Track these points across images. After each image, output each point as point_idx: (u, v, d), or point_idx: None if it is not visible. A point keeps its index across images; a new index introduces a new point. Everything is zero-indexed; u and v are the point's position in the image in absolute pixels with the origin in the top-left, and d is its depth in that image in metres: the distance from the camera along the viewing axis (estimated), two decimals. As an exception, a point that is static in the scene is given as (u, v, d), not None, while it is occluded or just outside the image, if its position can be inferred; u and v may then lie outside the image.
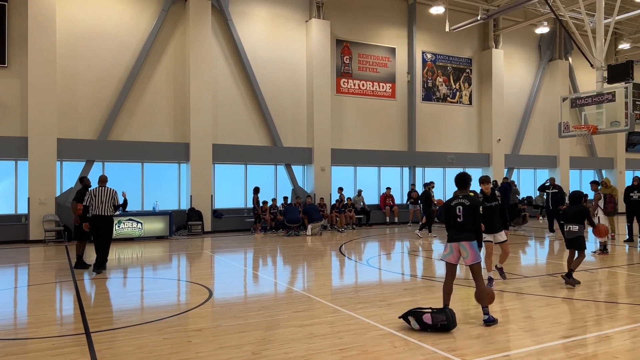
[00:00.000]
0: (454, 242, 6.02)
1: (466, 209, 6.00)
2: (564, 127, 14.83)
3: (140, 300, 7.43)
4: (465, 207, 6.01)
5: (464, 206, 6.02)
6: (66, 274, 9.35)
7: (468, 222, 5.99)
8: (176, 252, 12.53)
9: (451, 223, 6.10)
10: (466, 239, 5.95)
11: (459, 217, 6.02)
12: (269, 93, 18.26)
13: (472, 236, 5.98)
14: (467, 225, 5.99)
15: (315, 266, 10.40)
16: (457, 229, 6.03)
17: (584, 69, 24.77)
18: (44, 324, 6.05)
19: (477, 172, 23.00)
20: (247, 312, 6.56)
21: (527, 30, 23.95)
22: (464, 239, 5.96)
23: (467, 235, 5.97)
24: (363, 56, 20.18)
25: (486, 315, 5.88)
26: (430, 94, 21.85)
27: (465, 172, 6.38)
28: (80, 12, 15.51)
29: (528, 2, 18.65)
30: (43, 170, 14.42)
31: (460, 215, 6.01)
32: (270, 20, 18.42)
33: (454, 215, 6.06)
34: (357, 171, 20.36)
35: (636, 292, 7.67)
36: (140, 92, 16.31)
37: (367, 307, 6.73)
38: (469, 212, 6.00)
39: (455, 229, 6.05)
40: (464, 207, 6.01)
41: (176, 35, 16.91)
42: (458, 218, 6.02)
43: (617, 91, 13.59)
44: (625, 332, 5.63)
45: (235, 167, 18.16)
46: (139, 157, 16.24)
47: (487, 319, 5.86)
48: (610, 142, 26.91)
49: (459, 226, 6.02)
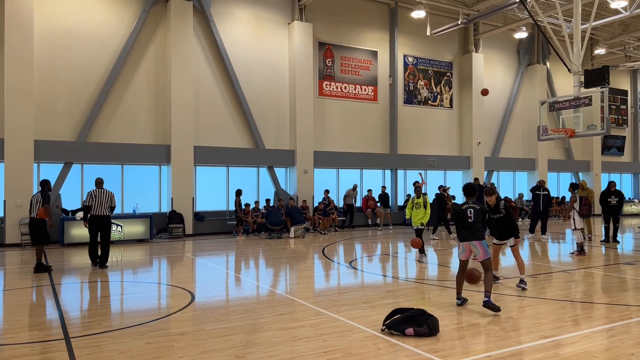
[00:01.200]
0: (465, 242, 6.75)
1: (476, 212, 6.76)
2: (542, 131, 15.10)
3: (120, 304, 7.32)
4: (475, 210, 6.77)
5: (474, 209, 6.78)
6: (44, 279, 9.16)
7: (478, 223, 6.73)
8: (157, 255, 12.39)
9: (462, 224, 6.79)
10: (476, 238, 6.69)
11: (469, 218, 6.74)
12: (251, 95, 18.20)
13: (482, 235, 6.72)
14: (477, 226, 6.71)
15: (298, 269, 10.38)
16: (468, 229, 6.74)
17: (562, 74, 25.30)
18: (21, 330, 5.91)
19: (458, 175, 23.30)
20: (230, 315, 6.51)
21: (507, 35, 24.35)
22: (475, 238, 6.69)
23: (478, 235, 6.70)
24: (345, 59, 20.26)
25: (487, 298, 6.46)
26: (412, 97, 22.04)
27: (472, 183, 6.97)
28: (58, 10, 15.25)
29: (507, 7, 18.97)
30: (19, 172, 14.11)
31: (471, 216, 6.74)
32: (252, 22, 18.37)
33: (465, 217, 6.77)
34: (340, 173, 20.41)
35: (613, 292, 7.84)
36: (120, 93, 16.10)
37: (351, 310, 6.74)
38: (479, 214, 6.76)
39: (466, 230, 6.75)
40: (474, 210, 6.77)
41: (157, 36, 16.75)
42: (469, 219, 6.74)
43: (593, 95, 13.91)
44: (603, 331, 5.74)
45: (217, 170, 18.04)
46: (119, 159, 16.02)
47: (486, 301, 6.44)
48: (586, 145, 27.48)
49: (469, 226, 6.73)
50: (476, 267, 7.25)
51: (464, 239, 6.76)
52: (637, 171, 30.02)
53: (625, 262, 10.73)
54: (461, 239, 6.81)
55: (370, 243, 14.81)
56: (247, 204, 17.11)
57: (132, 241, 14.96)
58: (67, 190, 15.28)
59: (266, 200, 17.72)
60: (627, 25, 24.70)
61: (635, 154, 29.86)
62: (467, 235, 6.72)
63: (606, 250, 12.96)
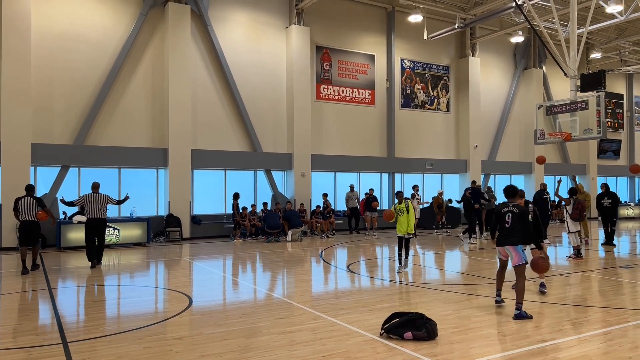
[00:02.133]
0: (500, 246, 6.81)
1: (515, 216, 6.68)
2: (539, 134, 15.16)
3: (118, 308, 7.30)
4: (514, 214, 6.70)
5: (512, 213, 6.71)
6: (41, 282, 9.13)
7: (515, 228, 6.66)
8: (154, 259, 12.36)
9: (499, 228, 6.82)
10: (511, 243, 6.67)
11: (507, 223, 6.72)
12: (248, 98, 18.22)
13: (518, 240, 6.66)
14: (513, 231, 6.67)
15: (296, 272, 10.38)
16: (504, 234, 6.75)
17: (558, 78, 25.43)
18: (19, 334, 5.89)
19: (455, 178, 23.35)
20: (227, 319, 6.50)
21: (503, 39, 24.45)
22: (509, 243, 6.68)
23: (512, 240, 6.66)
24: (343, 63, 20.30)
25: (518, 310, 6.41)
26: (409, 101, 22.09)
27: (513, 184, 7.11)
28: (56, 13, 15.24)
29: (504, 11, 19.07)
30: (16, 175, 14.06)
31: (509, 221, 6.70)
32: (250, 26, 18.40)
33: (503, 221, 6.78)
34: (337, 177, 20.42)
35: (610, 295, 7.86)
36: (118, 97, 16.09)
37: (349, 313, 6.74)
38: (517, 218, 6.67)
39: (502, 234, 6.77)
40: (513, 214, 6.70)
41: (155, 39, 16.75)
42: (506, 224, 6.72)
43: (589, 99, 13.97)
44: (601, 335, 5.76)
45: (214, 173, 18.03)
46: (116, 163, 15.99)
47: (517, 314, 6.38)
48: (582, 148, 27.60)
49: (505, 231, 6.73)
50: (541, 256, 7.13)
51: (499, 244, 6.84)
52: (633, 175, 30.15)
53: (622, 266, 10.77)
54: (497, 243, 6.88)
55: (368, 246, 14.81)
56: (245, 208, 17.10)
57: (130, 245, 14.92)
58: (64, 194, 15.16)
59: (263, 204, 17.71)
60: (622, 30, 24.85)
61: (631, 158, 29.99)
62: (502, 240, 6.77)
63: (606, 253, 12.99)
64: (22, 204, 10.47)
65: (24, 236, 10.52)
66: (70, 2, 15.47)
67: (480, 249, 13.97)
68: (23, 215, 10.44)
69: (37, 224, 10.58)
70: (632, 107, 30.13)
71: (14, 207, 10.53)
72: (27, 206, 10.46)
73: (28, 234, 10.48)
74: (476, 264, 11.41)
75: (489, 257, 12.43)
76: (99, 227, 11.20)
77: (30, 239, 10.50)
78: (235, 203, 16.89)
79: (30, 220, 10.44)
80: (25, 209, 10.44)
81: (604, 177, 28.48)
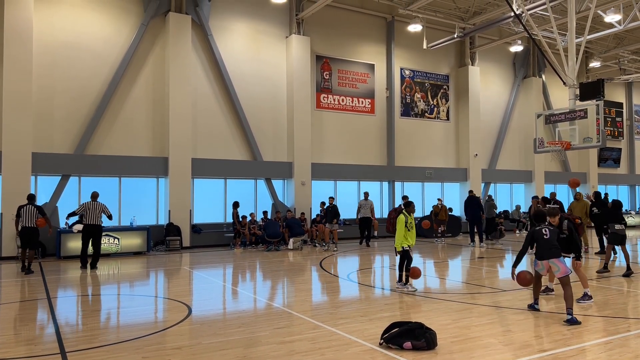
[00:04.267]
0: (544, 260, 7.08)
1: (552, 231, 7.15)
2: (539, 143, 15.18)
3: (117, 318, 7.28)
4: (550, 230, 7.15)
5: (549, 229, 7.16)
6: (40, 292, 9.12)
7: (554, 240, 7.07)
8: (154, 268, 12.34)
9: (539, 242, 7.12)
10: (554, 256, 7.00)
11: (545, 235, 7.07)
12: (249, 107, 18.28)
13: (559, 252, 7.04)
14: (553, 243, 7.04)
15: (295, 281, 10.35)
16: (544, 247, 7.06)
17: (557, 86, 25.54)
18: (17, 344, 5.87)
19: (455, 187, 23.35)
20: (227, 329, 6.48)
21: (502, 48, 24.58)
22: (553, 256, 7.00)
23: (555, 252, 7.02)
24: (342, 72, 20.39)
25: (569, 315, 6.66)
26: (409, 110, 22.15)
27: (542, 209, 7.63)
28: (58, 23, 15.35)
29: (503, 21, 19.18)
30: (17, 184, 14.09)
31: (547, 234, 7.08)
32: (250, 36, 18.51)
33: (541, 235, 7.10)
34: (337, 185, 20.43)
35: (610, 305, 7.83)
36: (118, 106, 16.16)
37: (349, 323, 6.72)
38: (554, 232, 7.16)
39: (543, 248, 7.07)
40: (550, 230, 7.14)
41: (156, 49, 16.85)
42: (545, 236, 7.07)
43: (588, 108, 14.00)
44: (602, 344, 5.74)
45: (214, 182, 18.05)
46: (116, 172, 16.02)
47: (569, 319, 6.63)
48: (583, 157, 27.62)
49: (545, 244, 7.06)
50: (529, 270, 7.43)
51: (542, 258, 7.07)
52: (633, 183, 30.15)
53: (622, 274, 10.73)
54: (539, 258, 7.11)
55: (367, 255, 14.78)
56: (244, 216, 17.09)
57: (129, 254, 14.90)
58: (64, 203, 15.23)
59: (263, 213, 17.70)
60: (621, 39, 24.97)
61: (631, 166, 30.01)
62: (545, 253, 7.03)
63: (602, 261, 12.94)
64: (24, 211, 11.54)
65: (24, 241, 11.57)
66: (72, 12, 15.59)
67: (480, 258, 13.93)
68: (24, 222, 11.50)
69: (36, 230, 11.64)
70: (631, 116, 30.19)
71: (16, 213, 11.61)
72: (28, 213, 11.54)
73: (27, 239, 11.53)
74: (476, 273, 11.39)
75: (488, 266, 12.40)
76: (95, 233, 12.22)
77: (29, 243, 11.54)
78: (235, 212, 16.89)
79: (30, 226, 11.51)
80: (27, 216, 11.52)
81: (604, 185, 28.47)
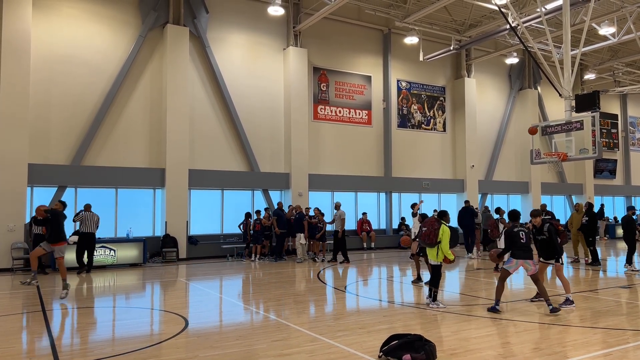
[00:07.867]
0: (520, 259, 7.88)
1: (526, 234, 7.96)
2: (535, 154, 15.23)
3: (112, 330, 7.21)
4: (525, 233, 8.00)
5: (524, 232, 7.98)
6: (35, 304, 9.03)
7: (529, 243, 7.92)
8: (150, 280, 12.25)
9: (516, 244, 7.91)
10: (530, 257, 7.88)
11: (522, 239, 7.88)
12: (246, 119, 18.31)
13: (532, 255, 7.94)
14: (529, 246, 7.90)
15: (293, 293, 10.29)
16: (522, 250, 7.87)
17: (553, 98, 25.69)
18: (12, 357, 5.80)
19: (452, 198, 23.35)
20: (224, 341, 6.42)
21: (498, 60, 24.76)
22: (529, 257, 7.87)
23: (530, 254, 7.89)
24: (339, 84, 20.49)
25: (550, 306, 7.63)
26: (405, 121, 22.24)
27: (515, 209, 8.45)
28: (55, 36, 15.39)
29: (498, 33, 19.36)
30: (13, 196, 14.00)
31: (523, 237, 7.90)
32: (248, 48, 18.60)
33: (518, 238, 7.91)
34: (335, 196, 20.41)
35: (610, 316, 7.81)
36: (115, 117, 16.15)
37: (347, 335, 6.67)
38: (528, 235, 7.98)
39: (520, 250, 7.87)
40: (525, 233, 7.99)
41: (153, 61, 16.90)
42: (521, 239, 7.88)
43: (584, 120, 14.08)
44: (601, 357, 5.71)
45: (211, 193, 18.01)
46: (113, 183, 15.96)
47: (552, 308, 7.59)
48: (579, 168, 27.73)
49: (522, 247, 7.88)
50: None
51: (518, 257, 7.86)
52: (629, 194, 30.24)
53: (620, 286, 10.72)
54: (516, 257, 7.88)
55: (365, 267, 14.73)
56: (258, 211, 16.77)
57: (125, 265, 14.80)
58: (60, 214, 15.13)
59: (265, 210, 17.05)
60: (615, 51, 25.21)
61: (627, 177, 30.13)
62: (522, 255, 7.85)
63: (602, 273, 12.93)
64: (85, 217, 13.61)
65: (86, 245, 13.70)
66: (70, 25, 15.64)
67: (478, 269, 13.90)
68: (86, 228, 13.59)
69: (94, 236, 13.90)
70: (626, 127, 30.38)
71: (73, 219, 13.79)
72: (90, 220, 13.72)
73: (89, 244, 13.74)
74: (474, 284, 11.35)
75: (486, 277, 12.37)
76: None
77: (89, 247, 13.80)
78: (248, 222, 16.80)
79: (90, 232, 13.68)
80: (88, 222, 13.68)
81: (600, 196, 28.56)
